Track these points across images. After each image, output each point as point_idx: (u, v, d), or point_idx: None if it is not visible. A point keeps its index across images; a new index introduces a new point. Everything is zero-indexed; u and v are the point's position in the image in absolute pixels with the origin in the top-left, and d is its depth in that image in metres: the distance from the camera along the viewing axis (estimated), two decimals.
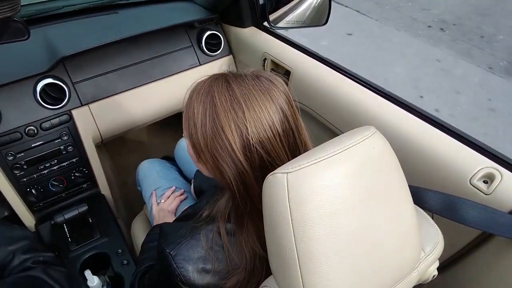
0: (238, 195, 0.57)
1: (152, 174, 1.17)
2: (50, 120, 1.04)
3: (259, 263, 0.59)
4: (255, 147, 0.54)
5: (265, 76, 0.57)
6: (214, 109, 0.54)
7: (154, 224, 1.03)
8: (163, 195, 1.09)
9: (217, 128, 0.54)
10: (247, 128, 0.53)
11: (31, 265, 0.78)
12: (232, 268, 0.59)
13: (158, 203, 1.08)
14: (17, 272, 0.77)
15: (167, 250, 0.59)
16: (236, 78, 0.56)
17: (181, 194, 1.10)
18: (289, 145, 0.57)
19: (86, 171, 1.19)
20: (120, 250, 1.05)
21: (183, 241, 0.59)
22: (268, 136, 0.54)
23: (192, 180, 1.12)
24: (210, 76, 0.59)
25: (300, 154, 0.51)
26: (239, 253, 0.59)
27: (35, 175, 1.09)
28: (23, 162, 1.05)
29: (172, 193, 1.10)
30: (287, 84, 0.60)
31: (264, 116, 0.54)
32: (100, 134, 1.16)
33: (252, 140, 0.53)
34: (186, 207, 0.98)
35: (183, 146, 1.20)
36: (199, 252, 0.58)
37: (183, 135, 0.62)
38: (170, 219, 1.01)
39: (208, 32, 1.26)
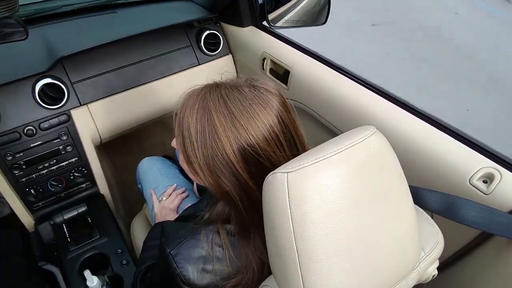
0: (244, 209, 0.56)
1: (153, 171, 1.17)
2: (49, 120, 1.04)
3: (267, 271, 0.59)
4: (260, 161, 0.53)
5: (262, 85, 0.56)
6: (213, 128, 0.52)
7: (156, 222, 1.02)
8: (164, 193, 1.09)
9: (217, 146, 0.52)
10: (249, 143, 0.52)
11: None
12: (233, 269, 0.58)
13: (159, 201, 1.08)
14: None
15: (168, 250, 0.59)
16: (233, 90, 0.54)
17: (183, 192, 1.10)
18: (292, 152, 0.56)
19: (85, 171, 1.18)
20: (119, 250, 1.04)
21: (183, 241, 0.59)
22: (272, 147, 0.53)
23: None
24: (202, 87, 0.57)
25: None
26: (245, 259, 0.59)
27: (34, 175, 1.09)
28: (22, 162, 1.05)
29: (174, 190, 1.10)
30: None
31: (266, 129, 0.53)
32: (99, 134, 1.16)
33: (256, 154, 0.53)
34: (188, 205, 0.98)
35: None
36: (199, 252, 0.58)
37: (177, 148, 0.60)
38: (172, 217, 1.01)
39: (207, 32, 1.26)
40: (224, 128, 0.52)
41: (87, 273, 0.91)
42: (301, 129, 0.60)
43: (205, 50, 1.28)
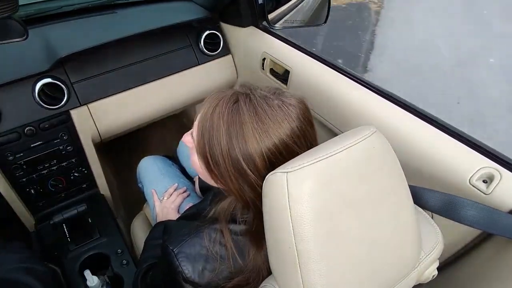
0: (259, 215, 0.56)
1: (153, 171, 1.17)
2: (49, 120, 1.04)
3: None
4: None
5: (290, 102, 0.56)
6: (242, 137, 0.53)
7: (157, 222, 1.03)
8: (165, 192, 1.09)
9: (245, 158, 0.53)
10: (277, 155, 0.53)
11: (16, 265, 0.75)
12: (235, 269, 0.59)
13: (161, 200, 1.08)
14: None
15: (170, 248, 0.59)
16: (263, 103, 0.55)
17: (184, 192, 1.10)
18: None
19: (85, 171, 1.18)
20: (119, 250, 1.05)
21: (186, 239, 0.59)
22: (290, 155, 0.54)
23: (197, 178, 1.12)
24: (232, 93, 0.57)
25: None
26: (253, 264, 0.59)
27: (34, 175, 1.09)
28: (22, 162, 1.05)
29: (175, 190, 1.10)
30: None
31: (295, 144, 0.54)
32: (99, 134, 1.16)
33: (282, 163, 0.53)
34: (189, 204, 0.98)
35: None
36: (201, 251, 0.58)
37: (198, 155, 0.60)
38: (174, 216, 1.01)
39: (207, 32, 1.26)
40: (255, 140, 0.53)
41: (87, 273, 0.91)
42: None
43: (205, 50, 1.28)
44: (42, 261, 0.82)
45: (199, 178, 1.08)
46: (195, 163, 0.61)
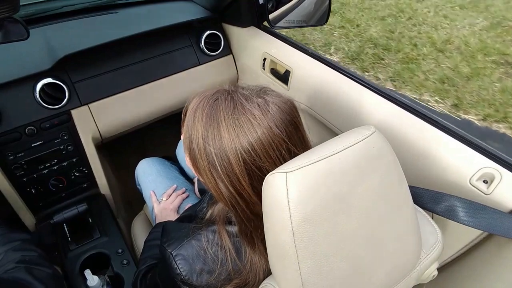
0: (243, 216, 0.56)
1: (152, 172, 1.17)
2: (49, 120, 1.04)
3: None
4: (263, 173, 0.53)
5: (273, 101, 0.54)
6: (218, 134, 0.52)
7: (157, 223, 1.03)
8: (164, 194, 1.09)
9: (222, 157, 0.53)
10: (253, 157, 0.52)
11: (16, 265, 0.76)
12: (234, 271, 0.58)
13: (159, 202, 1.08)
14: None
15: (168, 250, 0.59)
16: (241, 101, 0.54)
17: (183, 193, 1.10)
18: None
19: (86, 171, 1.19)
20: (120, 250, 1.05)
21: (185, 241, 0.59)
22: (274, 160, 0.53)
23: (196, 179, 1.12)
24: (214, 92, 0.57)
25: None
26: (250, 265, 0.59)
27: (35, 175, 1.09)
28: (23, 162, 1.05)
29: (174, 191, 1.10)
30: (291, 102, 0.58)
31: (272, 146, 0.53)
32: (100, 134, 1.16)
33: (258, 168, 0.53)
34: (188, 205, 0.98)
35: None
36: (199, 253, 0.58)
37: (184, 148, 0.60)
38: (173, 217, 1.01)
39: (208, 32, 1.26)
40: (232, 140, 0.52)
41: (87, 273, 0.91)
42: (310, 142, 0.60)
43: (205, 50, 1.28)
44: (43, 261, 0.82)
45: (198, 180, 1.08)
46: (188, 162, 0.61)
